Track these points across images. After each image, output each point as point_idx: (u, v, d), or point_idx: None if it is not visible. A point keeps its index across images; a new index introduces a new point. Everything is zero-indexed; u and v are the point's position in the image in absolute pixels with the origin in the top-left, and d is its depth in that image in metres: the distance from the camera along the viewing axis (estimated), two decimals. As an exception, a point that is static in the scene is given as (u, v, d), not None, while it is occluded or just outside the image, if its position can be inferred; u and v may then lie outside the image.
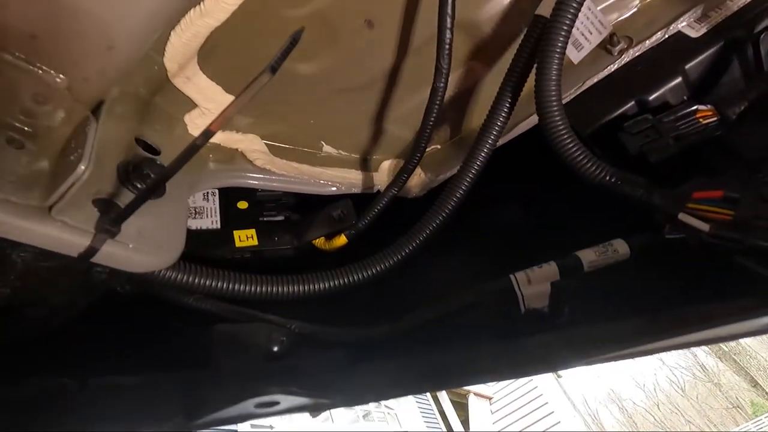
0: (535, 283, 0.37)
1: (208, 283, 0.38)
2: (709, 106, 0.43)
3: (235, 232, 0.52)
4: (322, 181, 0.55)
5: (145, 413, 0.24)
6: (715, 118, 0.42)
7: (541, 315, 0.37)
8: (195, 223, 0.53)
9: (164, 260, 0.35)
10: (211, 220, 0.53)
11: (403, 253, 0.44)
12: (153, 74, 0.42)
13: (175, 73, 0.43)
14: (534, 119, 0.53)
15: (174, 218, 0.37)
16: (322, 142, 0.57)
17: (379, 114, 0.56)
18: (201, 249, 0.50)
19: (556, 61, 0.41)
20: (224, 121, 0.28)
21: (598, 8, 0.50)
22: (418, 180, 0.60)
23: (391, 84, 0.53)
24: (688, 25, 0.47)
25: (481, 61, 0.52)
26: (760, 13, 0.44)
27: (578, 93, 0.51)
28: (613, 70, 0.50)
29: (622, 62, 0.49)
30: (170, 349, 0.36)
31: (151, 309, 0.41)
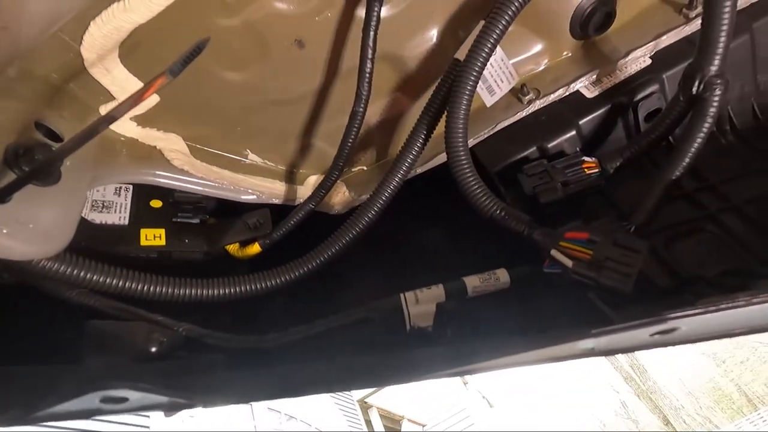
0: (422, 303, 0.39)
1: (93, 277, 0.37)
2: (593, 158, 0.48)
3: (142, 230, 0.51)
4: (242, 188, 0.55)
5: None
6: (597, 170, 0.48)
7: (425, 333, 0.39)
8: (100, 217, 0.51)
9: (44, 250, 0.34)
10: (118, 216, 0.52)
11: (302, 271, 0.45)
12: (68, 61, 0.41)
13: (93, 62, 0.42)
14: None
15: (64, 208, 0.36)
16: (248, 150, 0.57)
17: (308, 129, 0.57)
18: (102, 244, 0.49)
19: (464, 102, 0.45)
20: (109, 121, 0.28)
21: (512, 61, 0.55)
22: (342, 198, 0.62)
23: (320, 102, 0.55)
24: (585, 87, 0.53)
25: (406, 94, 0.56)
26: (640, 84, 0.51)
27: (491, 134, 0.55)
28: (521, 116, 0.55)
29: (530, 111, 0.55)
30: (38, 342, 0.35)
31: (32, 301, 0.39)
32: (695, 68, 0.40)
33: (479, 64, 0.45)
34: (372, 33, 0.43)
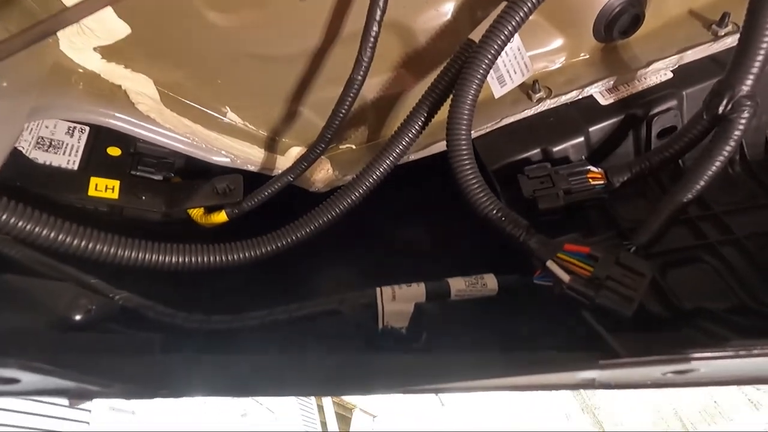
0: (399, 301, 0.35)
1: (18, 223, 0.31)
2: (600, 169, 0.45)
3: (92, 178, 0.45)
4: (215, 148, 0.50)
5: None
6: (602, 182, 0.44)
7: (398, 335, 0.35)
8: (45, 157, 0.45)
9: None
10: (67, 159, 0.45)
11: (268, 249, 0.40)
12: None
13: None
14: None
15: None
16: (227, 108, 0.51)
17: (297, 95, 0.52)
18: (42, 187, 0.42)
19: (474, 87, 0.41)
20: (55, 25, 0.22)
21: (528, 53, 0.51)
22: (324, 175, 0.57)
23: (314, 66, 0.49)
24: (600, 93, 0.50)
25: (411, 72, 0.51)
26: (658, 97, 0.48)
27: (494, 128, 0.51)
28: (529, 114, 0.51)
29: (539, 110, 0.51)
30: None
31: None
32: (725, 85, 0.37)
33: (495, 48, 0.40)
34: (385, -10, 0.38)
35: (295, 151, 0.57)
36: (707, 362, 0.20)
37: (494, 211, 0.39)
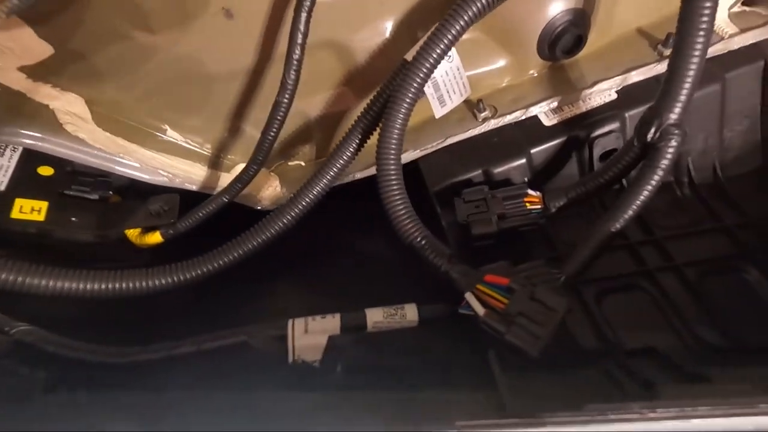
0: (311, 334, 0.34)
1: None
2: (538, 193, 0.44)
3: (17, 199, 0.44)
4: (151, 167, 0.49)
5: None
6: (539, 207, 0.43)
7: (310, 369, 0.34)
8: (-30, 178, 0.44)
9: None
10: (-6, 179, 0.45)
11: (189, 275, 0.39)
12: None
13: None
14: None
15: None
16: (166, 126, 0.50)
17: (238, 112, 0.51)
18: (-39, 210, 0.41)
19: (403, 109, 0.40)
20: None
21: (473, 72, 0.50)
22: (272, 192, 0.56)
23: (252, 85, 0.48)
24: (544, 113, 0.49)
25: (353, 90, 0.50)
26: (601, 119, 0.47)
27: (439, 148, 0.50)
28: (475, 134, 0.50)
29: (484, 129, 0.50)
30: None
31: None
32: (653, 114, 0.36)
33: (425, 69, 0.39)
34: (304, 14, 0.37)
35: (241, 168, 0.56)
36: (570, 428, 0.19)
37: (418, 239, 0.38)
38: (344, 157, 0.44)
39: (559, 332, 0.38)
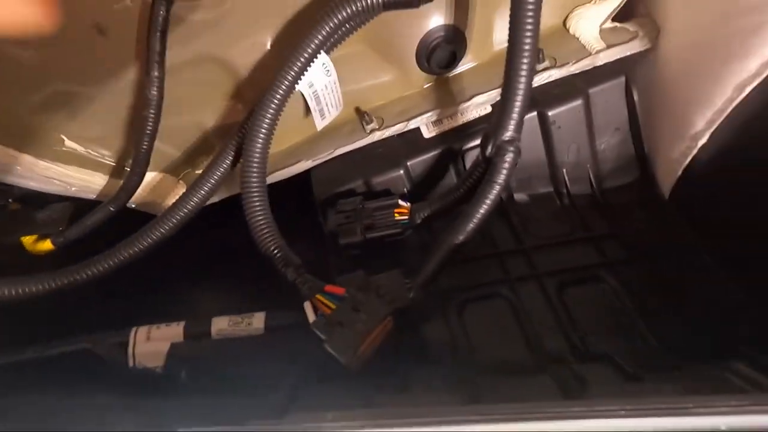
0: (154, 341, 0.36)
1: None
2: (407, 204, 0.45)
3: None
4: (44, 177, 0.50)
5: None
6: (406, 217, 0.45)
7: (152, 375, 0.35)
8: None
9: None
10: None
11: (66, 281, 0.40)
12: None
13: None
14: (290, 170, 0.53)
15: None
16: (63, 136, 0.52)
17: (130, 124, 0.52)
18: None
19: (266, 122, 0.41)
20: None
21: (363, 85, 0.52)
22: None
23: (135, 98, 0.50)
24: (425, 125, 0.50)
25: (242, 103, 0.52)
26: (473, 132, 0.48)
27: (328, 158, 0.52)
28: (362, 145, 0.51)
29: (371, 140, 0.51)
30: None
31: None
32: (490, 131, 0.37)
33: (288, 80, 0.41)
34: (158, 34, 0.39)
35: (149, 177, 0.58)
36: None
37: (272, 249, 0.40)
38: (220, 170, 0.45)
39: (413, 341, 0.39)
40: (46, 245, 0.49)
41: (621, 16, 0.48)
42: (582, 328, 0.40)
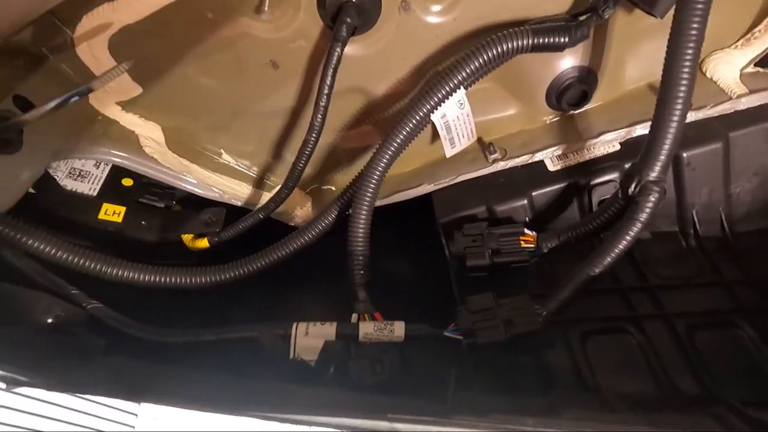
0: (311, 337, 0.41)
1: (26, 240, 0.40)
2: (533, 233, 0.47)
3: (104, 204, 0.55)
4: (207, 185, 0.59)
5: None
6: (533, 246, 0.47)
7: (306, 367, 0.40)
8: (73, 185, 0.56)
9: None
10: (89, 186, 0.57)
11: (216, 279, 0.47)
12: (60, 42, 0.46)
13: (83, 49, 0.47)
14: (411, 192, 0.58)
15: (10, 178, 0.40)
16: (222, 150, 0.61)
17: (280, 143, 0.60)
18: (63, 210, 0.53)
19: (394, 146, 0.45)
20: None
21: (487, 118, 0.55)
22: (304, 212, 0.65)
23: (293, 121, 0.57)
24: (550, 159, 0.53)
25: (377, 129, 0.57)
26: (601, 168, 0.49)
27: (451, 183, 0.55)
28: (484, 173, 0.55)
29: (494, 170, 0.54)
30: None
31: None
32: (635, 170, 0.39)
33: (421, 113, 0.44)
34: (331, 71, 0.45)
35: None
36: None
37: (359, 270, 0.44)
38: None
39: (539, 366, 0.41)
40: (203, 243, 0.57)
41: (763, 61, 0.48)
42: (717, 373, 0.40)
